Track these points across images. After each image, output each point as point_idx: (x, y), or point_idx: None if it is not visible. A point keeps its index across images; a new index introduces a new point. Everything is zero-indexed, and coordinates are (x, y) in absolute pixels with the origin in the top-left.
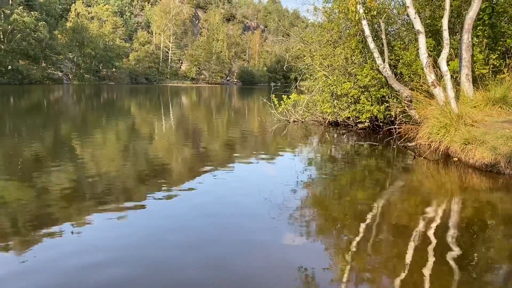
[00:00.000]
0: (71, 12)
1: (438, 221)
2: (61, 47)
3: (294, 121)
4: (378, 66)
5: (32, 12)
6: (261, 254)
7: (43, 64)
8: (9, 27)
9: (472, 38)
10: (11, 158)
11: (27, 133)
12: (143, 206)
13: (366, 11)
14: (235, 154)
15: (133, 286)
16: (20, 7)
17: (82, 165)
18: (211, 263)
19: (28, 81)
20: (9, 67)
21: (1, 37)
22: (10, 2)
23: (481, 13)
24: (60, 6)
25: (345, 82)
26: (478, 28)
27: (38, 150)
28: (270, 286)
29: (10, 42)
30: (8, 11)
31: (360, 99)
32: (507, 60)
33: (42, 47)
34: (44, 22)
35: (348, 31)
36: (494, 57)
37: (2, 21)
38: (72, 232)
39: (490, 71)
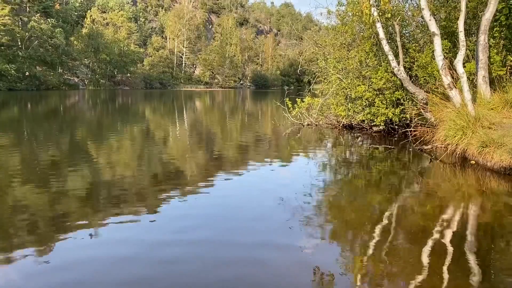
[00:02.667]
0: (86, 19)
1: (455, 225)
2: (77, 53)
3: (308, 125)
4: (393, 69)
5: (48, 19)
6: (276, 256)
7: (59, 70)
8: (27, 34)
9: (488, 40)
10: (30, 162)
11: (44, 137)
12: (158, 207)
13: (380, 14)
14: (249, 158)
15: (150, 283)
16: (37, 15)
17: (96, 168)
18: (226, 263)
19: (45, 86)
20: (27, 73)
21: (19, 44)
22: (28, 9)
23: (497, 14)
24: (76, 13)
25: (360, 85)
26: (495, 29)
27: (54, 154)
28: (284, 280)
29: (28, 48)
30: (26, 19)
31: (375, 102)
32: None
33: (58, 53)
34: (60, 29)
35: (362, 33)
36: (511, 59)
37: (20, 28)
38: (89, 231)
39: (508, 73)
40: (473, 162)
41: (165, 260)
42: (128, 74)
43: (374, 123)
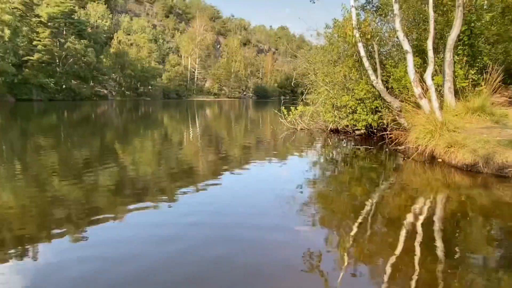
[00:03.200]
0: (114, 40)
1: (424, 213)
2: (106, 69)
3: (301, 129)
4: (372, 82)
5: (82, 40)
6: (273, 236)
7: (91, 83)
8: (63, 53)
9: (453, 56)
10: (67, 161)
11: (78, 140)
12: (175, 197)
13: (361, 35)
14: (251, 157)
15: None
16: (72, 36)
17: (122, 167)
18: (232, 240)
19: (79, 97)
20: (64, 86)
21: (57, 61)
22: (64, 32)
23: (461, 34)
24: (104, 35)
25: (344, 95)
26: (459, 47)
27: (87, 153)
28: (280, 261)
29: (64, 65)
30: (63, 40)
31: (357, 110)
32: (484, 75)
33: (90, 69)
34: (92, 49)
35: (346, 52)
36: (472, 72)
37: (58, 48)
38: (116, 219)
39: (470, 84)
40: (440, 160)
41: (182, 235)
42: (149, 87)
43: (356, 128)
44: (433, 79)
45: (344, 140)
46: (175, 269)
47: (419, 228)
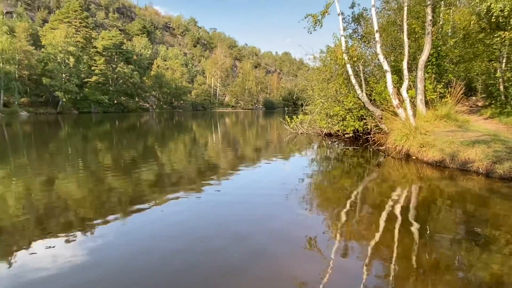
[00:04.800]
0: (154, 65)
1: (402, 199)
2: (147, 87)
3: (301, 133)
4: (358, 95)
5: (129, 66)
6: (277, 219)
7: (136, 99)
8: (115, 76)
9: (424, 74)
10: (117, 159)
11: (126, 143)
12: (202, 188)
13: (349, 58)
14: (261, 156)
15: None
16: (122, 63)
17: (161, 164)
18: (243, 220)
19: (127, 110)
20: (115, 101)
21: (110, 82)
22: (115, 59)
23: (430, 56)
24: (146, 61)
25: (336, 106)
26: (428, 67)
27: (133, 153)
28: (284, 239)
29: (116, 85)
30: (114, 66)
31: (346, 118)
32: (449, 88)
33: (135, 88)
34: (136, 72)
35: (337, 72)
36: (440, 87)
37: (111, 72)
38: (156, 207)
39: (438, 96)
40: (414, 157)
41: (209, 214)
42: (181, 101)
43: (346, 132)
44: (407, 93)
45: (336, 142)
46: (210, 239)
47: (397, 212)
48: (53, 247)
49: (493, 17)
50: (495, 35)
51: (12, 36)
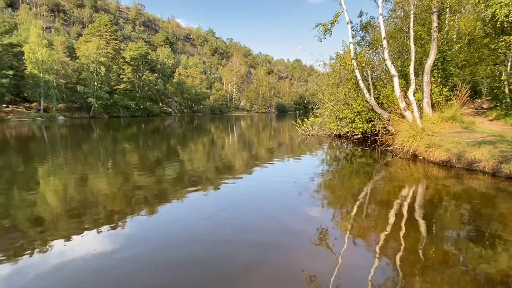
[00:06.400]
0: (176, 73)
1: (409, 197)
2: (170, 94)
3: (312, 135)
4: (367, 99)
5: (153, 74)
6: (290, 214)
7: (160, 104)
8: (141, 83)
9: (430, 78)
10: (143, 159)
11: (151, 143)
12: (219, 185)
13: (358, 64)
14: (274, 155)
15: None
16: (147, 71)
17: (182, 163)
18: (258, 214)
19: (152, 114)
20: (141, 106)
21: (136, 89)
22: (142, 68)
23: (436, 61)
24: (169, 70)
25: (345, 109)
26: (434, 71)
27: (157, 153)
28: (295, 233)
29: (142, 91)
30: (141, 74)
31: (355, 120)
32: (454, 92)
33: (159, 94)
34: (160, 79)
35: (346, 77)
36: (445, 90)
37: (137, 80)
38: (179, 200)
39: (443, 99)
40: (421, 157)
41: (227, 209)
42: (201, 106)
43: (354, 133)
44: (414, 96)
45: (345, 143)
46: (229, 228)
47: (404, 209)
48: (86, 237)
49: (498, 23)
50: (500, 40)
51: (50, 49)
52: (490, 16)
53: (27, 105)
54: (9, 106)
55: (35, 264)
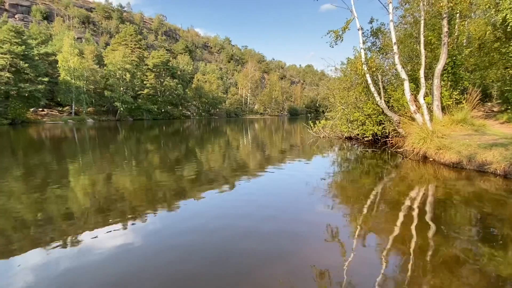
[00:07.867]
0: (194, 79)
1: (419, 198)
2: (189, 98)
3: (323, 137)
4: (377, 102)
5: (174, 80)
6: (302, 215)
7: (180, 107)
8: (163, 88)
9: (440, 82)
10: (164, 159)
11: (171, 144)
12: (234, 184)
13: (368, 68)
14: (287, 156)
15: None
16: (168, 77)
17: (200, 163)
18: (270, 213)
19: (172, 117)
20: (163, 110)
21: (158, 93)
22: (163, 75)
23: (446, 65)
24: (188, 76)
25: (356, 112)
26: (444, 75)
27: (177, 154)
28: (307, 232)
29: (163, 96)
30: (162, 80)
31: (366, 123)
32: (465, 95)
33: (179, 99)
34: (180, 85)
35: (357, 81)
36: (455, 93)
37: (159, 85)
38: (197, 198)
39: (454, 103)
40: (431, 159)
41: (242, 206)
42: (217, 109)
43: (365, 136)
44: (424, 99)
45: (356, 144)
46: (244, 222)
47: (415, 209)
48: (111, 232)
49: (509, 27)
50: (511, 44)
51: (81, 57)
52: (501, 20)
53: (60, 108)
54: (44, 109)
55: (64, 253)
